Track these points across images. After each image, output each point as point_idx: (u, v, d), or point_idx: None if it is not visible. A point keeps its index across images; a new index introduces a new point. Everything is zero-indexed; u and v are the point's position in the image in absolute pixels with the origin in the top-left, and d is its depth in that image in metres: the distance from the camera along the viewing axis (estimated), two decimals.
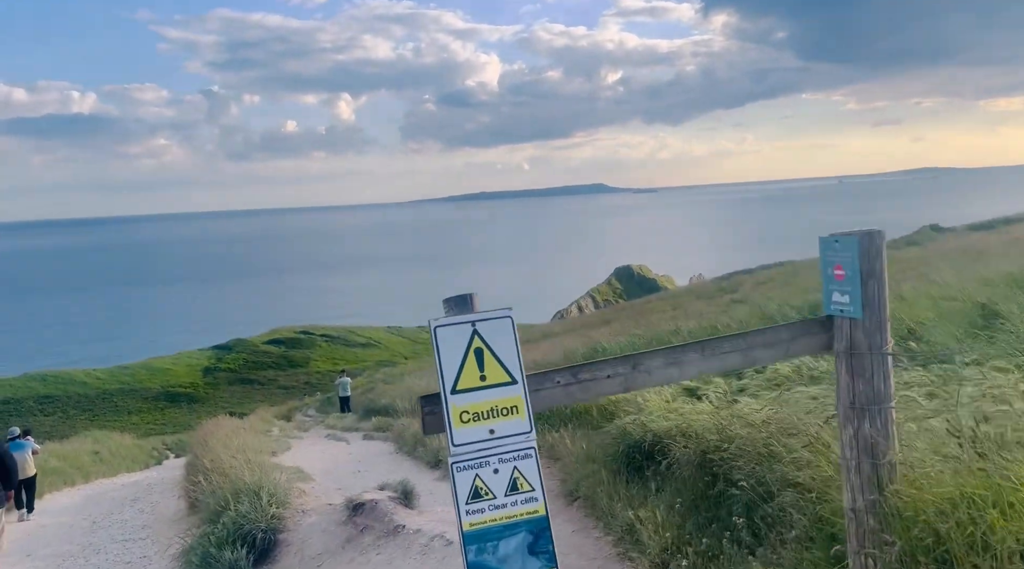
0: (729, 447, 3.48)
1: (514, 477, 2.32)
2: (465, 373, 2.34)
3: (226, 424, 13.08)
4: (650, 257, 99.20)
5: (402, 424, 10.54)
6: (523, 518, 2.29)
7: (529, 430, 2.36)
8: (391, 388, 20.38)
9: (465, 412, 2.31)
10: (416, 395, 14.01)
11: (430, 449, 8.43)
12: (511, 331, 2.47)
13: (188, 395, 55.13)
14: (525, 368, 2.41)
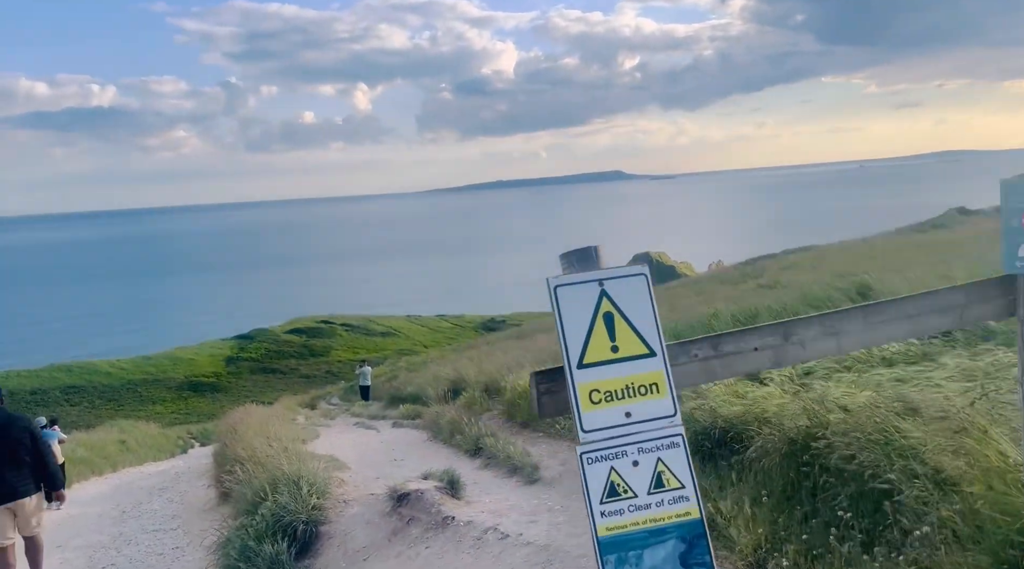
0: (823, 433, 3.14)
1: (658, 470, 1.96)
2: (593, 343, 1.99)
3: (254, 412, 12.89)
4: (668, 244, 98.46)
5: (435, 411, 10.15)
6: (672, 521, 1.92)
7: (673, 413, 2.01)
8: (416, 376, 20.05)
9: (595, 391, 1.98)
10: (442, 382, 13.63)
11: (469, 436, 8.07)
12: (647, 292, 2.10)
13: (211, 385, 55.48)
14: None
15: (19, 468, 6.32)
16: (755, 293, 13.56)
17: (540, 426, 7.86)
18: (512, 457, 6.65)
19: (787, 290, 12.98)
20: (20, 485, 6.36)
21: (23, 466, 6.36)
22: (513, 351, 16.02)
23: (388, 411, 15.88)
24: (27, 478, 6.43)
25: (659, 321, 2.06)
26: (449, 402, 11.95)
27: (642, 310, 2.06)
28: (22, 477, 6.38)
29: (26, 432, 6.45)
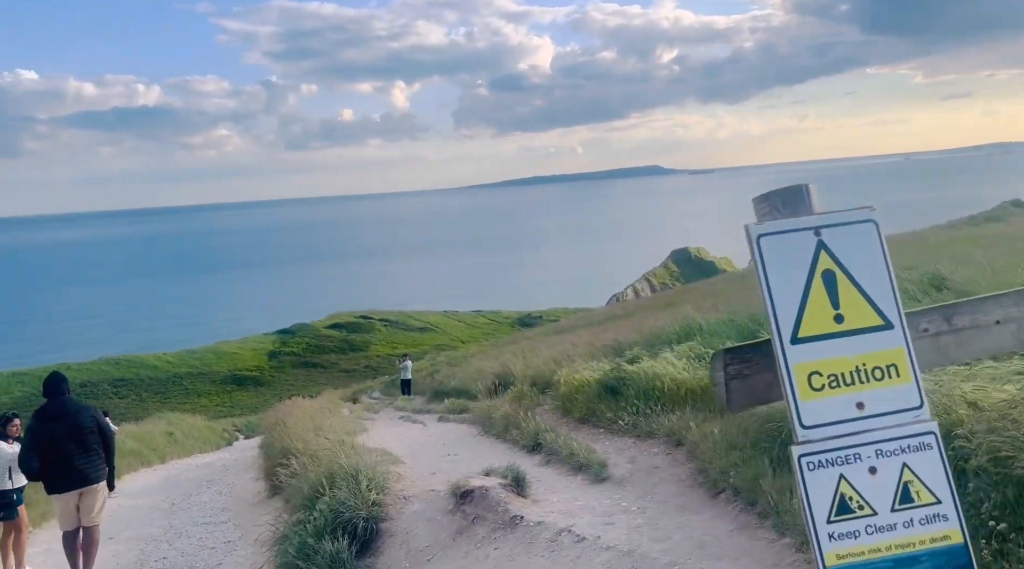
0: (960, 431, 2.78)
1: (904, 480, 1.50)
2: (811, 310, 1.54)
3: (301, 405, 12.80)
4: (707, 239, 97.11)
5: (486, 406, 9.88)
6: (926, 548, 1.47)
7: (919, 404, 1.53)
8: (457, 371, 19.84)
9: (816, 373, 1.54)
10: (487, 376, 13.37)
11: (526, 432, 7.73)
12: (878, 244, 1.65)
13: (254, 378, 56.29)
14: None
15: (88, 455, 6.45)
16: None
17: (600, 422, 7.48)
18: (576, 454, 6.38)
19: None
20: (90, 471, 6.48)
21: (92, 453, 6.50)
22: (557, 345, 15.69)
23: (432, 405, 15.69)
24: (96, 465, 6.56)
25: (895, 283, 1.59)
26: (496, 397, 11.71)
27: (873, 267, 1.60)
28: (91, 464, 6.50)
29: (93, 421, 6.60)
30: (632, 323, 15.87)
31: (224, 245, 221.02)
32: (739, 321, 9.05)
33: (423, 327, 69.87)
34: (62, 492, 6.45)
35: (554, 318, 67.34)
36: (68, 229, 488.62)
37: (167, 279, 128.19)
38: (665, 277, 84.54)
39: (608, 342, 11.46)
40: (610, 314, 26.64)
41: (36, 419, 6.44)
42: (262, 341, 65.18)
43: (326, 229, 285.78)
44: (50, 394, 6.56)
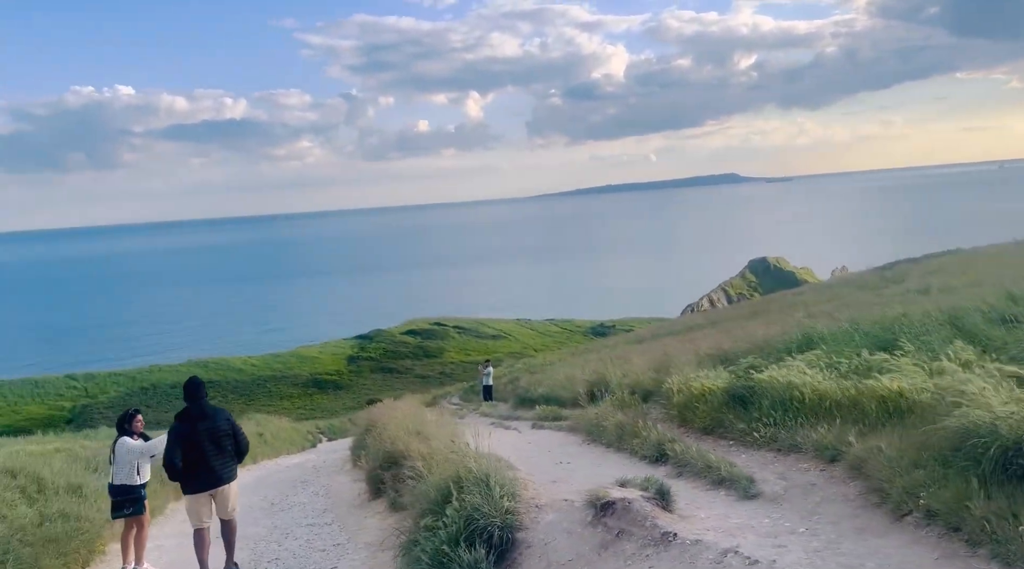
0: None
1: None
2: None
3: (394, 408, 12.78)
4: (786, 249, 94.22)
5: (593, 413, 9.49)
6: None
7: None
8: (542, 377, 19.46)
9: None
10: (580, 384, 12.92)
11: (647, 441, 7.40)
12: None
13: (334, 382, 57.54)
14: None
15: (223, 457, 6.75)
16: (908, 299, 12.19)
17: (729, 433, 7.12)
18: (714, 467, 5.98)
19: (948, 295, 11.62)
20: (224, 472, 6.77)
21: (227, 455, 6.80)
22: (646, 353, 15.20)
23: (519, 412, 15.41)
24: (230, 466, 6.86)
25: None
26: (591, 404, 11.34)
27: None
28: (226, 465, 6.79)
29: (229, 424, 6.87)
30: (721, 333, 15.30)
31: (305, 253, 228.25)
32: (867, 329, 8.48)
33: (496, 334, 70.12)
34: (198, 492, 6.69)
35: (627, 328, 66.44)
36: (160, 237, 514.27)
37: (252, 285, 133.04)
38: (742, 287, 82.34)
39: (710, 350, 11.06)
40: (691, 324, 25.87)
41: (178, 421, 6.68)
42: (341, 346, 66.75)
43: (402, 237, 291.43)
44: (191, 398, 6.79)
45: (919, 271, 21.19)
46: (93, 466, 10.33)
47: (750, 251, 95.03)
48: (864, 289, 19.81)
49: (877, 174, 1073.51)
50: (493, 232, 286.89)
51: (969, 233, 64.04)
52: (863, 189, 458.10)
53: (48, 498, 8.34)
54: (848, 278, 30.41)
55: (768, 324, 13.68)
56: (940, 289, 13.50)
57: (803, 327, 9.54)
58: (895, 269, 25.78)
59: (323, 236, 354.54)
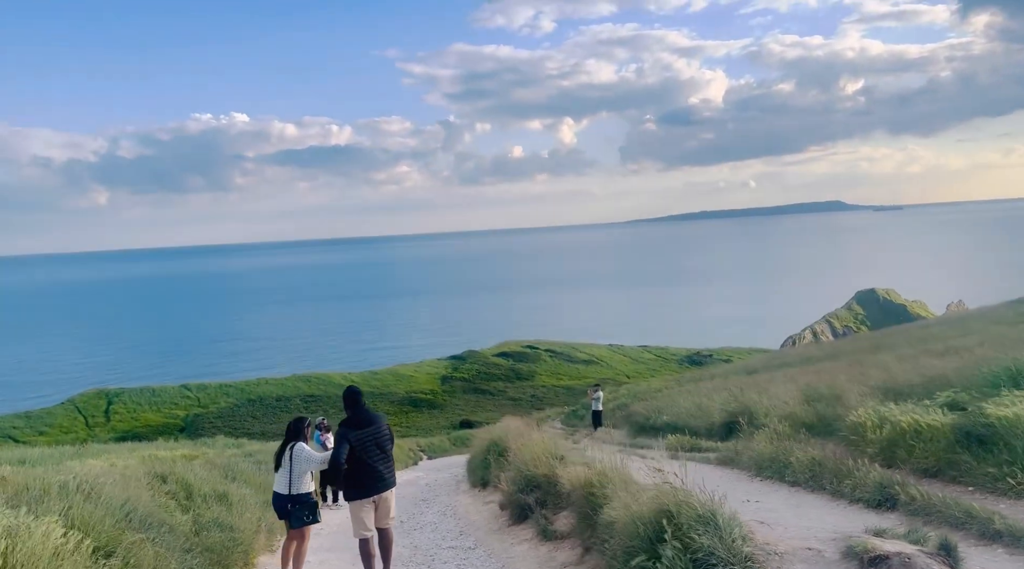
0: None
1: None
2: None
3: (520, 429, 12.56)
4: (896, 281, 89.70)
5: (774, 448, 8.50)
6: None
7: None
8: (661, 405, 18.49)
9: None
10: (716, 413, 12.09)
11: (866, 482, 6.42)
12: None
13: (428, 401, 58.81)
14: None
15: (388, 461, 6.76)
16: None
17: (965, 477, 6.33)
18: (978, 517, 5.15)
19: None
20: (389, 476, 6.75)
21: (390, 459, 6.79)
22: (781, 383, 14.26)
23: (642, 439, 14.76)
24: (392, 470, 6.83)
25: None
26: (732, 436, 10.69)
27: None
28: (390, 469, 6.77)
29: (390, 429, 6.90)
30: (851, 365, 14.54)
31: (402, 274, 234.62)
32: None
33: (588, 359, 69.97)
34: (364, 497, 6.63)
35: (725, 358, 64.91)
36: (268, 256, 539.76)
37: (352, 304, 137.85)
38: (849, 319, 78.91)
39: (878, 382, 10.21)
40: (806, 355, 25.06)
41: (345, 427, 6.67)
42: (436, 366, 68.23)
43: (495, 260, 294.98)
44: (353, 404, 6.79)
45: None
46: (231, 474, 10.54)
47: (856, 282, 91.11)
48: (1001, 324, 18.50)
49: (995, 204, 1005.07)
50: (585, 256, 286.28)
51: None
52: (980, 219, 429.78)
53: (198, 506, 8.19)
54: (976, 313, 28.48)
55: (923, 356, 12.78)
56: None
57: (1004, 360, 8.70)
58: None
59: (420, 258, 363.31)
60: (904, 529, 5.07)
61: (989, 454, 6.35)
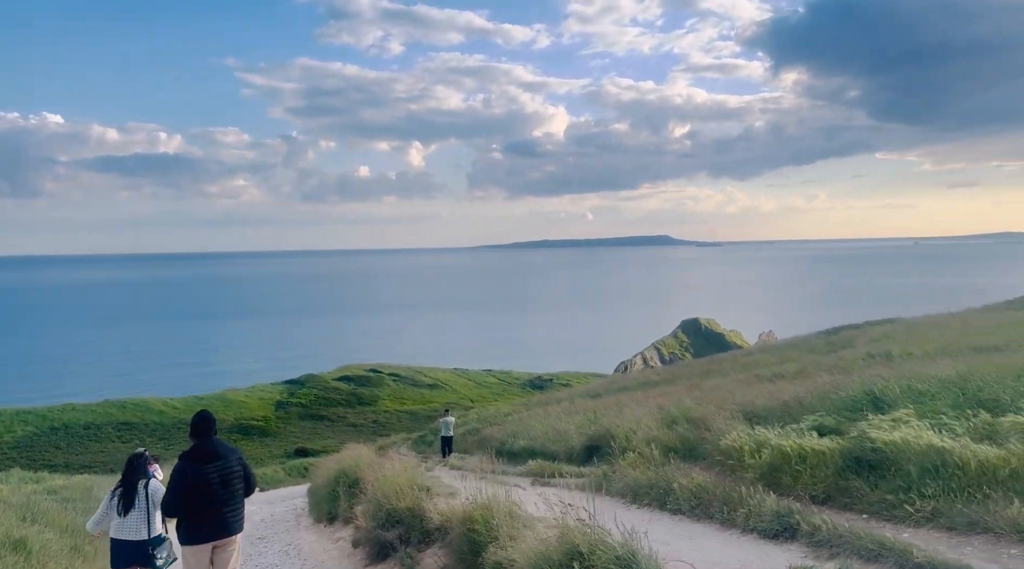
0: None
1: None
2: None
3: (366, 455, 11.73)
4: (715, 312, 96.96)
5: (660, 474, 7.94)
6: None
7: None
8: (517, 429, 17.92)
9: None
10: (574, 437, 11.75)
11: (762, 511, 6.06)
12: None
13: (260, 428, 55.49)
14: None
15: (234, 502, 5.91)
16: (875, 363, 12.55)
17: (858, 504, 6.10)
18: (893, 548, 4.83)
19: (915, 361, 11.86)
20: (234, 520, 5.90)
21: (237, 500, 5.94)
22: (627, 407, 14.25)
23: (498, 466, 13.90)
24: (239, 514, 5.99)
25: None
26: (594, 461, 10.24)
27: None
28: (236, 512, 5.93)
29: (241, 465, 6.03)
30: (689, 389, 15.06)
31: (237, 293, 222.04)
32: (932, 389, 8.11)
33: (433, 383, 69.38)
34: (201, 543, 5.80)
35: (564, 382, 66.80)
36: (83, 270, 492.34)
37: (177, 324, 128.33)
38: (675, 347, 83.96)
39: (736, 406, 10.20)
40: (644, 380, 26.14)
41: (185, 461, 5.82)
42: (270, 391, 64.66)
43: (339, 282, 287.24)
44: (199, 433, 5.91)
45: (865, 337, 21.85)
46: (30, 516, 9.08)
47: (681, 312, 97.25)
48: (814, 352, 19.91)
49: (801, 244, 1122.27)
50: (432, 281, 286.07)
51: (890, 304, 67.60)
52: (787, 257, 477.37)
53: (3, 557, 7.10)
54: (790, 342, 30.88)
55: (732, 384, 13.32)
56: (901, 355, 13.47)
57: (861, 384, 8.86)
58: (840, 335, 26.50)
59: (258, 276, 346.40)
60: (830, 564, 4.76)
61: (882, 480, 6.25)
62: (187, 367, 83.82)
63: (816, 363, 15.00)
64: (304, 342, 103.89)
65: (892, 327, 24.45)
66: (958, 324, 18.25)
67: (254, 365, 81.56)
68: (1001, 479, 5.56)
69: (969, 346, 11.60)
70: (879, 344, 16.76)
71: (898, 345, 14.84)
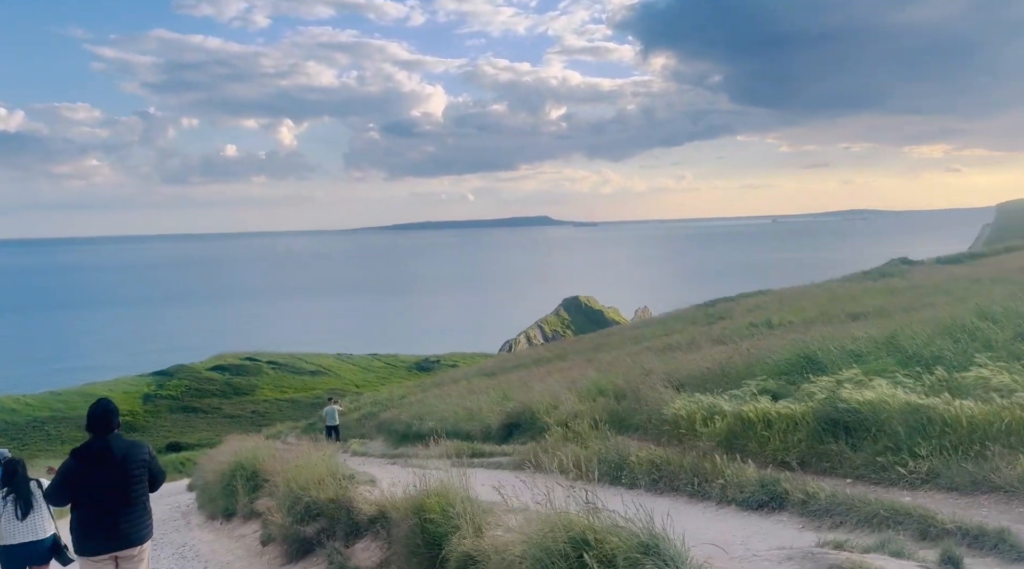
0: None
1: None
2: None
3: (260, 444, 11.01)
4: (593, 289, 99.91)
5: (569, 449, 7.02)
6: None
7: None
8: (422, 411, 17.18)
9: None
10: (495, 415, 11.60)
11: (743, 481, 5.60)
12: None
13: (126, 423, 51.60)
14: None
15: (133, 509, 5.13)
16: (759, 332, 13.11)
17: (840, 469, 5.71)
18: (907, 513, 4.49)
19: (792, 330, 12.33)
20: (135, 529, 5.14)
21: (138, 506, 5.17)
22: (533, 383, 14.12)
23: (411, 449, 13.43)
24: (142, 522, 5.21)
25: None
26: (514, 438, 9.98)
27: None
28: (137, 519, 5.16)
29: (145, 465, 5.23)
30: (581, 364, 15.31)
31: (92, 281, 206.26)
32: (900, 344, 8.03)
33: (315, 370, 67.50)
34: (95, 554, 5.04)
35: (452, 363, 66.86)
36: None
37: (28, 316, 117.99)
38: (557, 324, 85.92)
39: (663, 376, 9.80)
40: (538, 357, 26.44)
41: (74, 458, 5.11)
42: (136, 383, 60.88)
43: (207, 267, 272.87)
44: (95, 428, 5.12)
45: (740, 308, 22.93)
46: None
47: (562, 291, 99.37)
48: (696, 324, 20.63)
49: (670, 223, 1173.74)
50: (309, 264, 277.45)
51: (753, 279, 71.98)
52: (658, 236, 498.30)
53: None
54: (673, 315, 31.71)
55: (623, 357, 13.45)
56: (780, 323, 14.01)
57: (792, 347, 8.60)
58: (716, 307, 27.74)
59: (114, 263, 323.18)
60: (893, 537, 4.26)
61: (863, 442, 5.92)
62: (41, 362, 77.18)
63: (703, 334, 15.67)
64: (171, 332, 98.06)
65: (764, 298, 26.03)
66: (824, 294, 19.64)
67: (117, 359, 76.12)
68: (995, 435, 5.30)
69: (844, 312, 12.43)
70: (755, 314, 17.72)
71: (774, 314, 15.71)
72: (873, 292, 17.21)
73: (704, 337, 14.25)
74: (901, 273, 26.85)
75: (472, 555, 4.22)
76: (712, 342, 12.77)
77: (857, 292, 18.21)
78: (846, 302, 15.16)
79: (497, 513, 4.61)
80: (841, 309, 13.48)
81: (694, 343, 13.72)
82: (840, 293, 19.24)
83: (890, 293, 15.99)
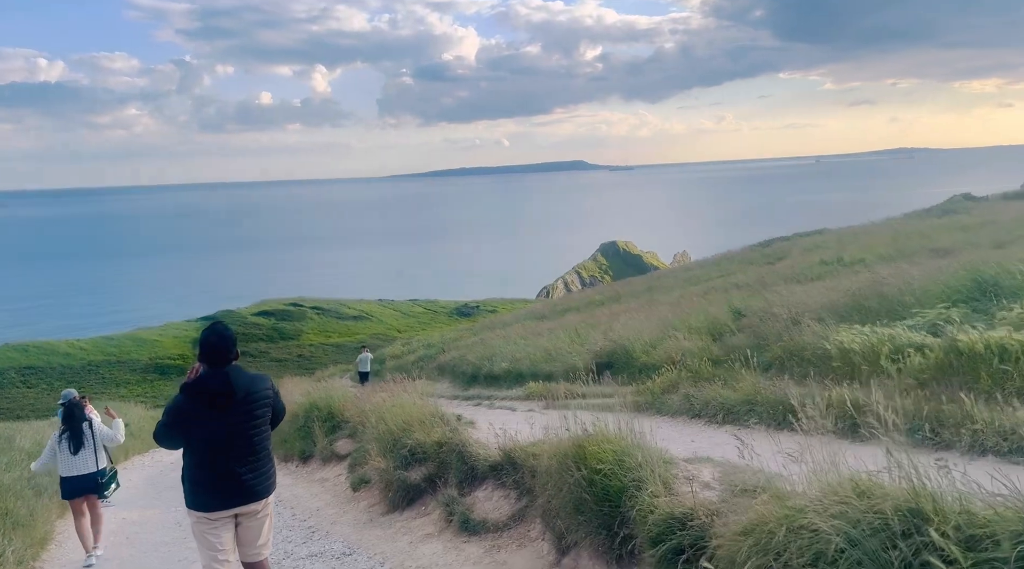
0: None
1: None
2: None
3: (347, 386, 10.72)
4: (631, 234, 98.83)
5: (718, 393, 6.81)
6: None
7: None
8: (486, 351, 16.58)
9: None
10: (583, 355, 11.33)
11: None
12: None
13: (178, 367, 53.50)
14: None
15: (257, 457, 4.27)
16: (828, 269, 12.50)
17: None
18: None
19: (865, 268, 11.67)
20: (259, 480, 4.28)
21: (261, 454, 4.30)
22: (601, 324, 13.71)
23: (479, 390, 12.93)
24: (266, 471, 4.35)
25: None
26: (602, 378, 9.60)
27: None
28: (261, 468, 4.31)
29: (268, 403, 4.31)
30: (642, 306, 14.84)
31: (137, 229, 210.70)
32: (953, 284, 7.40)
33: (358, 315, 68.12)
34: (213, 511, 4.20)
35: (491, 308, 67.06)
36: None
37: (77, 264, 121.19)
38: (595, 270, 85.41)
39: (790, 306, 8.74)
40: (590, 300, 25.84)
41: (186, 396, 4.14)
42: (184, 328, 62.05)
43: (247, 215, 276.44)
44: (210, 360, 4.19)
45: (798, 248, 22.04)
46: None
47: (599, 236, 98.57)
48: (754, 264, 19.86)
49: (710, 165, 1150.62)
50: (347, 212, 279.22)
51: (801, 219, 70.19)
52: (698, 179, 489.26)
53: None
54: (726, 256, 30.50)
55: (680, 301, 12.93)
56: (851, 261, 13.32)
57: (969, 272, 7.56)
58: (772, 247, 26.83)
59: (156, 211, 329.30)
60: None
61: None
62: (94, 307, 79.47)
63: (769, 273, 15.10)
64: (216, 279, 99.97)
65: (822, 237, 25.21)
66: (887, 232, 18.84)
67: (163, 306, 77.90)
68: None
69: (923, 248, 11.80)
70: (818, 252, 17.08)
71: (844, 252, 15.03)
72: (944, 228, 16.40)
73: (773, 276, 13.64)
74: (966, 209, 25.69)
75: (680, 517, 3.49)
76: (785, 280, 12.16)
77: (925, 229, 17.36)
78: (918, 239, 14.45)
79: (680, 464, 4.05)
80: (917, 245, 12.82)
81: (762, 281, 13.13)
82: (906, 230, 18.41)
83: (963, 229, 15.16)
